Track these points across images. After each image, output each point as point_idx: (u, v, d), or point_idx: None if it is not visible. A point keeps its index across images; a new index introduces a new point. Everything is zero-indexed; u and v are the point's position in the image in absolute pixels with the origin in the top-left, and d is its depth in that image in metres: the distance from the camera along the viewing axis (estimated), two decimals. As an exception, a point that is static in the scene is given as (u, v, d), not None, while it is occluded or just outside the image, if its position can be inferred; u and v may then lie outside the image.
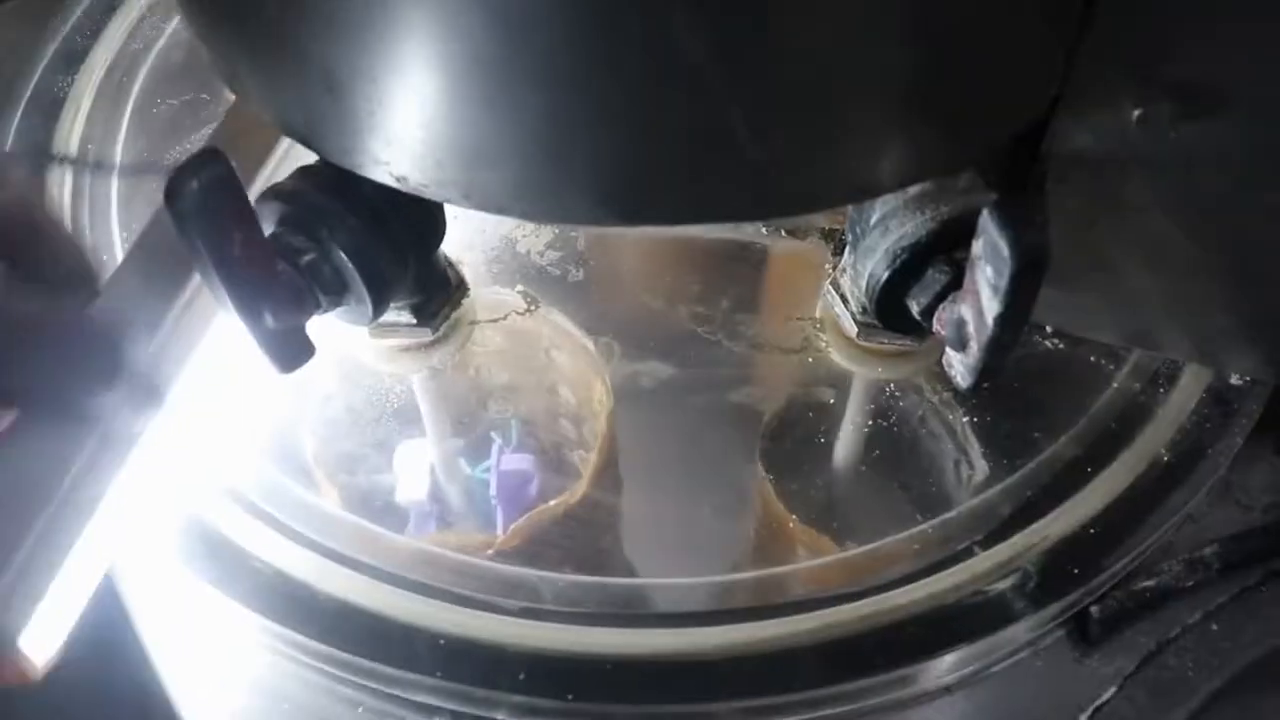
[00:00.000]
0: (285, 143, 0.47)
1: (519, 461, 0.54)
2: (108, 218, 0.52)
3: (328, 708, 0.42)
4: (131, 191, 0.53)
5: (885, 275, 0.41)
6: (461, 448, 0.54)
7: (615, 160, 0.33)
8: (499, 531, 0.50)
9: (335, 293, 0.41)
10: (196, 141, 0.52)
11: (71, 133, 0.55)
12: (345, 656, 0.40)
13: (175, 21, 0.59)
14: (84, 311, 0.38)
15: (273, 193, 0.41)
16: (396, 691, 0.41)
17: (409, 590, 0.41)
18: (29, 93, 0.57)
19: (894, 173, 0.36)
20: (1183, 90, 0.37)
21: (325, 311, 0.42)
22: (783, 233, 0.49)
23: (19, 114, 0.57)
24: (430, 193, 0.36)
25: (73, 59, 0.58)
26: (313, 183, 0.40)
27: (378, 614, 0.41)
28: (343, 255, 0.40)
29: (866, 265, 0.42)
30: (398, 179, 0.36)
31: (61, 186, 0.53)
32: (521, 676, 0.40)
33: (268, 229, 0.41)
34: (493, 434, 0.55)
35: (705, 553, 0.44)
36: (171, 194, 0.36)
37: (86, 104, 0.56)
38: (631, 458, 0.47)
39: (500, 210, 0.36)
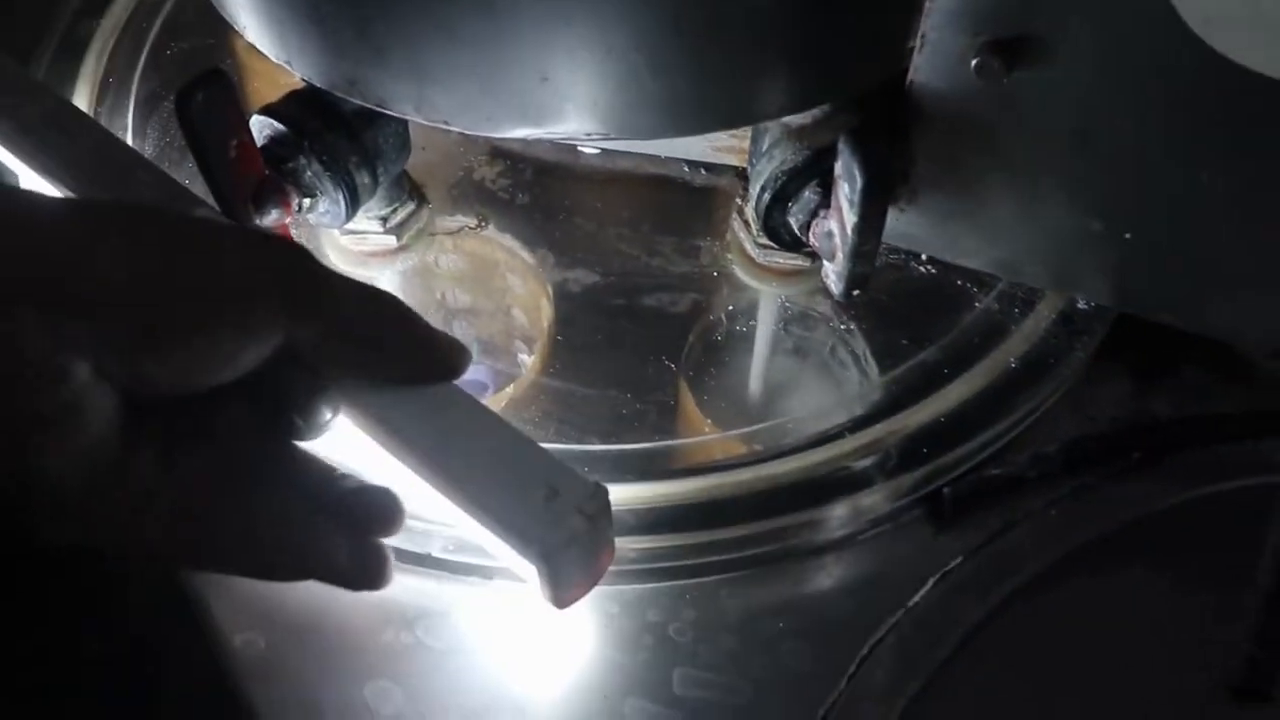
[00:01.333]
0: None
1: (476, 372, 0.62)
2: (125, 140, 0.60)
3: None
4: (144, 120, 0.61)
5: (769, 196, 0.49)
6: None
7: (537, 84, 0.41)
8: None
9: (313, 196, 0.49)
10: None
11: (97, 69, 0.63)
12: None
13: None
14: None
15: (265, 109, 0.49)
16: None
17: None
18: (59, 35, 0.65)
19: (775, 102, 0.44)
20: (1009, 45, 0.44)
21: (303, 213, 0.50)
22: (701, 170, 0.57)
23: (50, 52, 0.65)
24: (389, 108, 0.44)
25: (95, 6, 0.66)
26: (299, 102, 0.49)
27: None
28: (319, 163, 0.48)
29: (756, 188, 0.50)
30: (363, 97, 0.44)
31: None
32: (454, 517, 0.48)
33: (260, 140, 0.49)
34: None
35: (623, 430, 0.52)
36: (182, 102, 0.44)
37: (109, 44, 0.64)
38: (561, 353, 0.55)
39: (444, 122, 0.44)
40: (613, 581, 0.48)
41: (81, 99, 0.61)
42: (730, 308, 0.55)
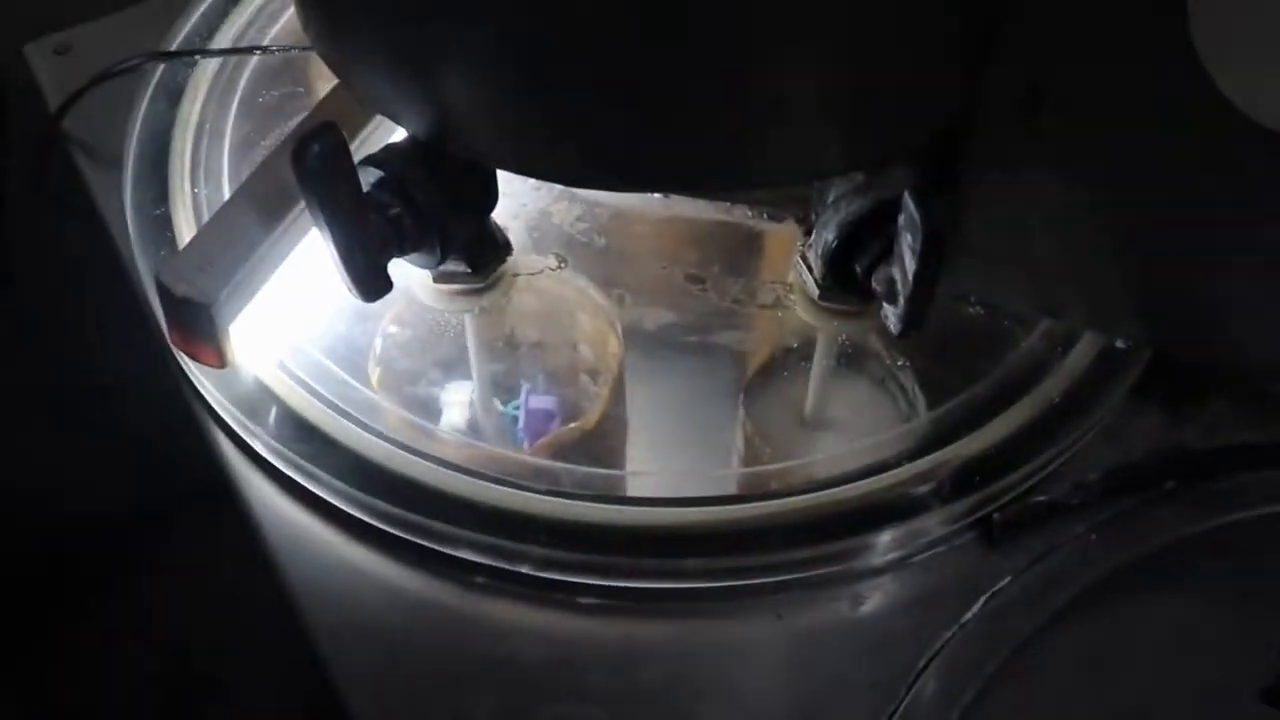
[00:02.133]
0: (370, 124, 0.60)
1: (543, 402, 0.66)
2: (220, 183, 0.64)
3: (385, 568, 0.54)
4: (238, 163, 0.66)
5: (835, 243, 0.53)
6: (497, 389, 0.66)
7: (624, 143, 0.45)
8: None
9: (412, 240, 0.53)
10: (294, 124, 0.64)
11: (190, 115, 0.67)
12: (406, 515, 0.52)
13: (276, 27, 0.71)
14: None
15: (370, 160, 0.53)
16: (443, 549, 0.53)
17: (460, 474, 0.53)
18: (154, 81, 0.70)
19: (840, 159, 0.48)
20: (1050, 99, 0.48)
21: (401, 255, 0.54)
22: (765, 216, 0.61)
23: (146, 99, 0.69)
24: (494, 162, 0.49)
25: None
26: (401, 154, 0.52)
27: (436, 489, 0.53)
28: (420, 211, 0.52)
29: (823, 236, 0.54)
30: (470, 151, 0.49)
31: (183, 157, 0.65)
32: (543, 537, 0.52)
33: (365, 187, 0.53)
34: (522, 379, 0.67)
35: (692, 457, 0.56)
36: (298, 154, 0.48)
37: (203, 92, 0.68)
38: (634, 387, 0.59)
39: (546, 177, 0.48)
40: (697, 600, 0.52)
41: (181, 142, 0.65)
42: (793, 344, 0.59)
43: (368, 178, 0.53)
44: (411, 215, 0.52)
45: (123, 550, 1.30)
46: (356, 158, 0.54)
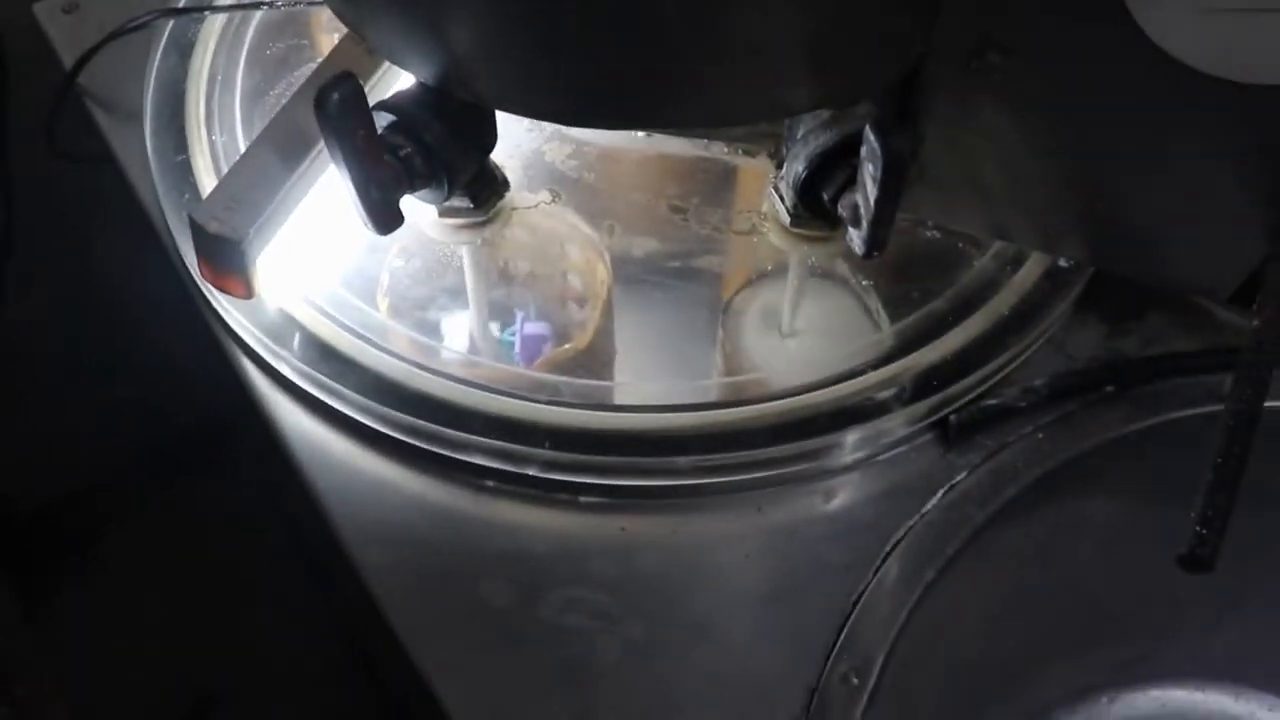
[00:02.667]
0: (378, 72, 0.65)
1: (537, 328, 0.72)
2: (234, 131, 0.69)
3: (404, 476, 0.60)
4: (250, 112, 0.71)
5: (805, 174, 0.58)
6: (494, 315, 0.71)
7: (621, 85, 0.51)
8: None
9: (421, 178, 0.58)
10: (302, 76, 0.69)
11: (202, 68, 0.72)
12: (423, 425, 0.58)
13: (279, -16, 0.76)
14: None
15: (382, 105, 0.58)
16: (458, 455, 0.59)
17: (471, 388, 0.59)
18: (165, 36, 0.74)
19: (810, 98, 0.54)
20: (998, 45, 0.54)
21: (411, 192, 0.59)
22: (740, 151, 0.67)
23: (159, 54, 0.74)
24: (497, 105, 0.54)
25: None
26: (410, 98, 0.58)
27: (450, 401, 0.59)
28: (429, 151, 0.58)
29: (793, 168, 0.59)
30: (475, 96, 0.54)
31: (198, 107, 0.70)
32: (546, 443, 0.58)
33: (378, 130, 0.58)
34: (517, 307, 0.72)
35: (679, 370, 0.62)
36: (320, 101, 0.53)
37: (212, 45, 0.73)
38: (623, 310, 0.65)
39: (545, 117, 0.53)
40: (685, 496, 0.58)
41: (195, 94, 0.70)
42: (767, 267, 0.65)
43: (381, 121, 0.58)
44: (421, 155, 0.57)
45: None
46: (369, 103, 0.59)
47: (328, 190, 0.61)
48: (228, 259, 0.58)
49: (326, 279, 0.64)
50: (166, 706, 1.31)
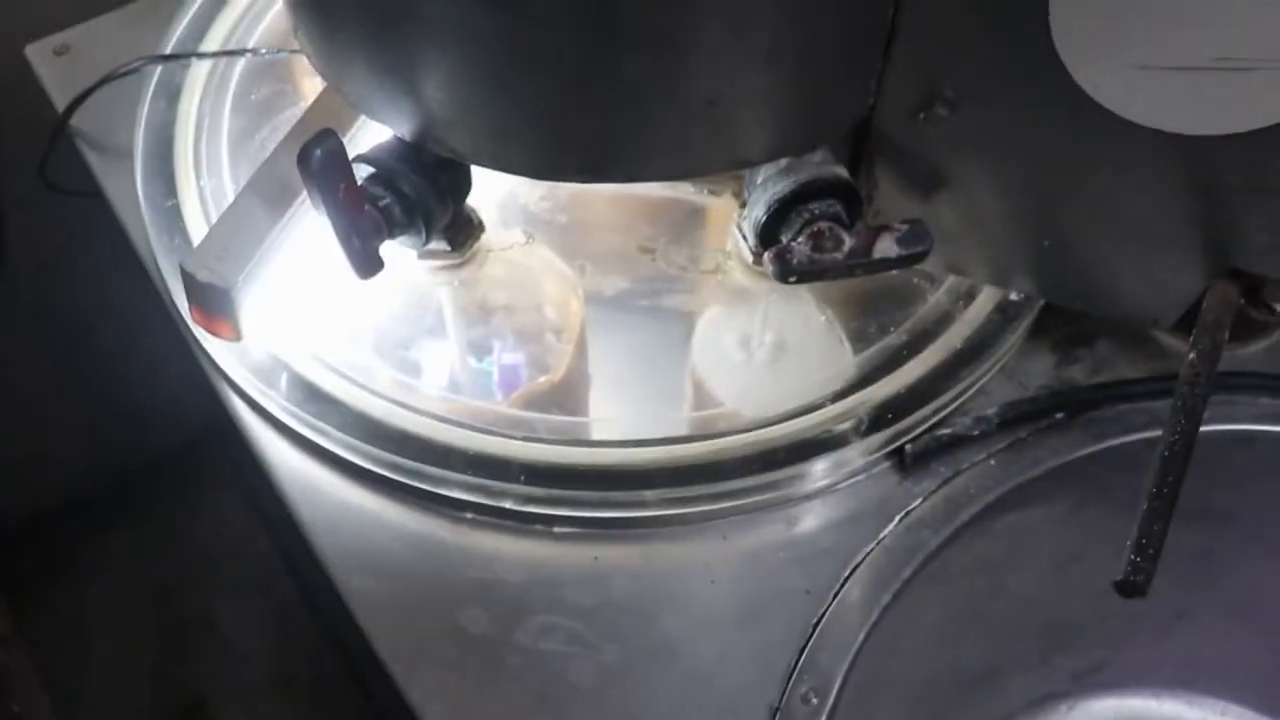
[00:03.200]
0: (358, 121, 0.68)
1: (514, 359, 0.75)
2: (221, 175, 0.72)
3: (386, 509, 0.63)
4: (237, 157, 0.73)
5: (764, 218, 0.62)
6: (473, 349, 0.74)
7: (588, 142, 0.54)
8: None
9: (400, 226, 0.61)
10: (286, 120, 0.72)
11: (189, 113, 0.75)
12: (404, 462, 0.61)
13: (261, 27, 0.78)
14: None
15: (361, 158, 0.61)
16: (438, 490, 0.62)
17: (449, 425, 0.62)
18: (154, 81, 0.77)
19: (766, 149, 0.57)
20: (943, 97, 0.57)
21: (391, 238, 0.62)
22: (706, 191, 0.70)
23: (148, 99, 0.76)
24: (471, 160, 0.57)
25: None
26: (388, 151, 0.60)
27: (429, 439, 0.62)
28: (408, 201, 0.61)
29: (754, 211, 0.62)
30: (450, 151, 0.57)
31: (186, 152, 0.73)
32: (521, 477, 0.61)
33: (359, 181, 0.61)
34: (495, 340, 0.75)
35: (648, 404, 0.65)
36: (304, 158, 0.56)
37: (199, 91, 0.76)
38: (595, 344, 0.68)
39: (517, 171, 0.56)
40: (655, 526, 0.62)
41: (184, 139, 0.73)
42: (732, 304, 0.68)
43: (360, 173, 0.61)
44: (400, 204, 0.61)
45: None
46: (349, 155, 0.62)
47: (312, 236, 0.64)
48: (218, 305, 0.61)
49: (311, 321, 0.67)
50: (158, 713, 1.34)
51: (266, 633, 1.34)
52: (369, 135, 0.68)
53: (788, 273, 0.59)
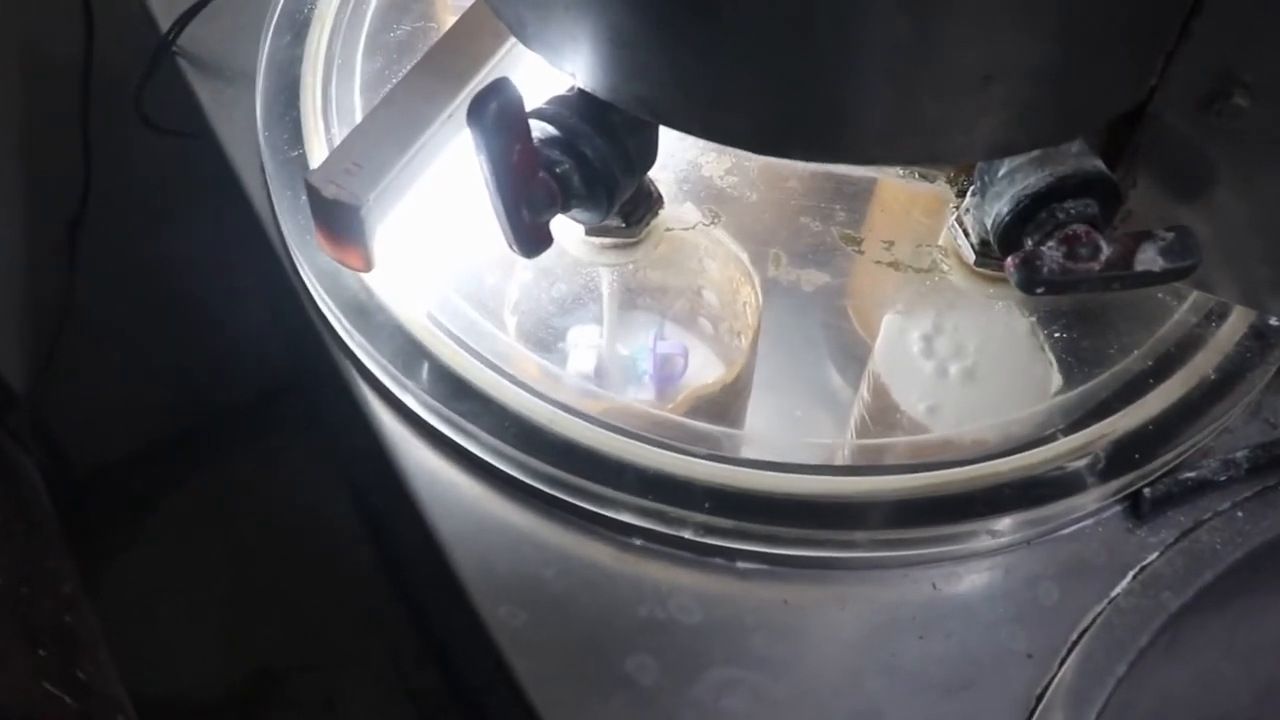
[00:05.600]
0: (495, 57, 0.59)
1: (672, 348, 0.65)
2: (353, 124, 0.63)
3: (539, 528, 0.54)
4: (371, 102, 0.64)
5: (1008, 217, 0.52)
6: (630, 336, 0.65)
7: (831, 114, 0.44)
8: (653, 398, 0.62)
9: (578, 198, 0.52)
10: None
11: (318, 51, 0.66)
12: (568, 477, 0.52)
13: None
14: None
15: (538, 114, 0.52)
16: (605, 512, 0.53)
17: (625, 436, 0.53)
18: (277, 13, 0.68)
19: (1033, 135, 0.47)
20: (1251, 87, 0.47)
21: (564, 212, 0.53)
22: (916, 175, 0.60)
23: (270, 33, 0.67)
24: (674, 124, 0.48)
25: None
26: (570, 109, 0.51)
27: (598, 451, 0.53)
28: (590, 167, 0.51)
29: (994, 206, 0.52)
30: (651, 112, 0.47)
31: (314, 96, 0.64)
32: (706, 505, 0.52)
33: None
34: (660, 332, 0.66)
35: (832, 421, 0.56)
36: (476, 111, 0.47)
37: (328, 25, 0.66)
38: (777, 346, 0.59)
39: (732, 142, 0.47)
40: (856, 567, 0.52)
41: (311, 78, 0.64)
42: (946, 310, 0.59)
43: (536, 133, 0.52)
44: (581, 171, 0.51)
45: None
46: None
47: (451, 175, 0.55)
48: (346, 227, 0.52)
49: (449, 291, 0.58)
50: (226, 681, 1.28)
51: (343, 601, 1.26)
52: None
53: (1035, 283, 0.50)
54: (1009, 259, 0.51)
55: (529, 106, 0.50)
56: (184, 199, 1.02)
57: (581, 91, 0.50)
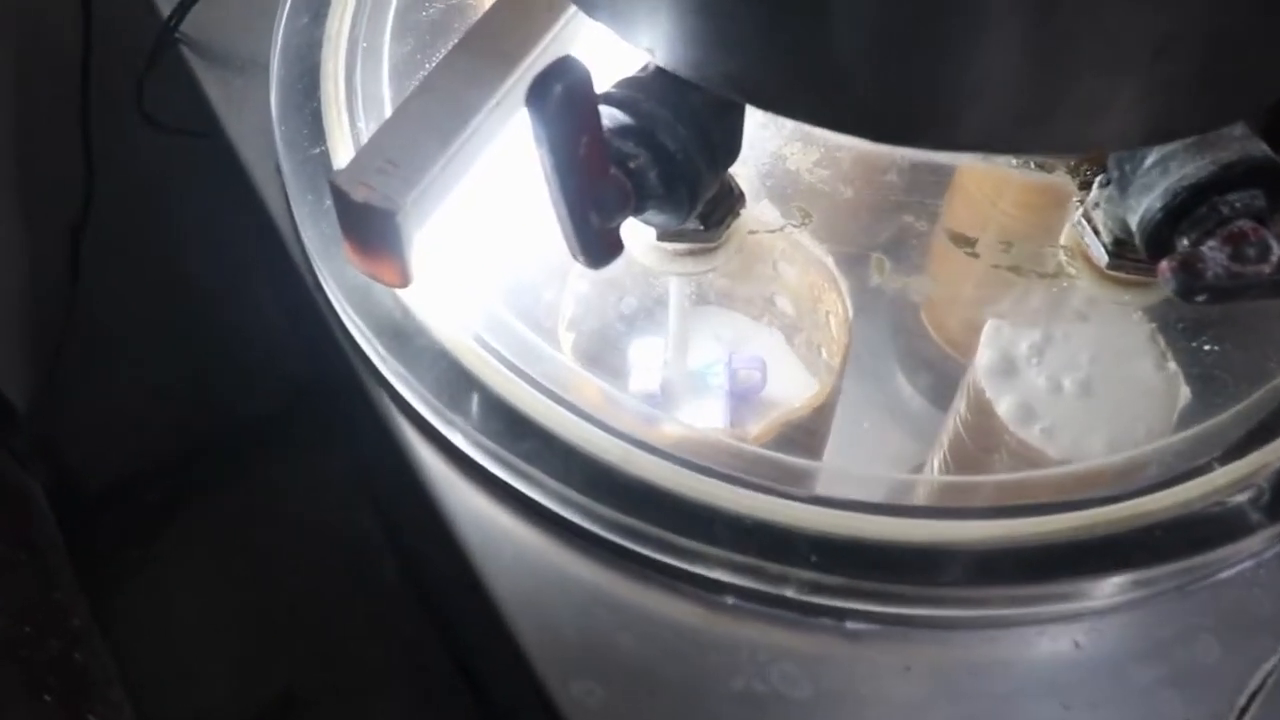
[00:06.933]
0: (550, 33, 0.51)
1: (751, 363, 0.57)
2: (381, 115, 0.55)
3: (614, 585, 0.46)
4: (401, 92, 0.56)
5: (1162, 213, 0.44)
6: (713, 362, 0.57)
7: (965, 94, 0.37)
8: (727, 423, 0.55)
9: (655, 196, 0.44)
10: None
11: (340, 35, 0.58)
12: (647, 529, 0.45)
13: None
14: None
15: (607, 99, 0.44)
16: (691, 567, 0.45)
17: (711, 478, 0.45)
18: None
19: (1201, 117, 0.40)
20: None
21: (638, 215, 0.45)
22: (1031, 165, 0.52)
23: (285, 13, 0.60)
24: (771, 106, 0.40)
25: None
26: (645, 92, 0.44)
27: (682, 498, 0.45)
28: (670, 160, 0.44)
29: (1142, 200, 0.45)
30: (742, 93, 0.40)
31: (336, 85, 0.56)
32: (812, 558, 0.44)
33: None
34: (738, 350, 0.58)
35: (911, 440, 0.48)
36: (537, 94, 0.40)
37: (351, 4, 0.59)
38: (878, 363, 0.51)
39: (839, 127, 0.39)
40: (985, 626, 0.45)
41: (332, 65, 0.56)
42: (1077, 319, 0.51)
43: (606, 121, 0.44)
44: (659, 167, 0.44)
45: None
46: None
47: (501, 173, 0.47)
48: (379, 236, 0.44)
49: (500, 308, 0.50)
50: (247, 707, 1.21)
51: (366, 621, 1.19)
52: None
53: (1196, 290, 0.42)
54: (1164, 262, 0.43)
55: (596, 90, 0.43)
56: (192, 202, 0.95)
57: (659, 71, 0.43)
